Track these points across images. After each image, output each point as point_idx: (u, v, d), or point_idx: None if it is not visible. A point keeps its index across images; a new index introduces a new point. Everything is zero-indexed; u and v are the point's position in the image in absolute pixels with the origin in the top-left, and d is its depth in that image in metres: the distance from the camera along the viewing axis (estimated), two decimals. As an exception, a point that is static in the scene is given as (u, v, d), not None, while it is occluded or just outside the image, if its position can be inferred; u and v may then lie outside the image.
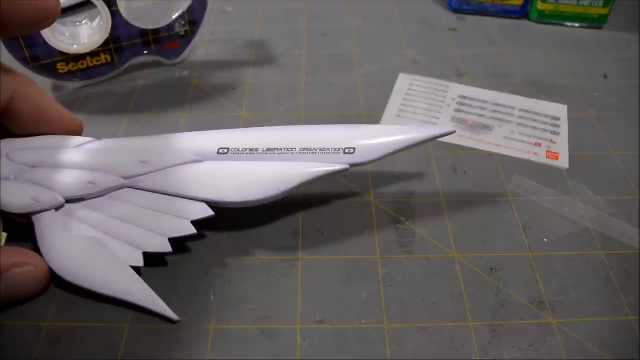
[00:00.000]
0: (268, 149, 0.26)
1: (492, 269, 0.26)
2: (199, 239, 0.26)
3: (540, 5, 0.42)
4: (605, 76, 0.38)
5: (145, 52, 0.36)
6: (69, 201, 0.25)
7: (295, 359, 0.22)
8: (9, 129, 0.26)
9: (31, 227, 0.25)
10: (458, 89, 0.36)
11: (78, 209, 0.25)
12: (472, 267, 0.26)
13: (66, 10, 0.34)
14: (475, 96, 0.36)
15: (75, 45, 0.34)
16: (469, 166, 0.31)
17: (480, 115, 0.34)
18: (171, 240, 0.24)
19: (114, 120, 0.33)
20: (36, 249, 0.24)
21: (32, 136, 0.27)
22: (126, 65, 0.36)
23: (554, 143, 0.32)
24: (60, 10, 0.23)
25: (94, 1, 0.32)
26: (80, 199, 0.26)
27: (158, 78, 0.37)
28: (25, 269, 0.23)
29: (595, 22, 0.42)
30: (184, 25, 0.36)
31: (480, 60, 0.39)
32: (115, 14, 0.33)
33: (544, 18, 0.43)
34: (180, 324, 0.23)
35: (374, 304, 0.24)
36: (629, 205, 0.29)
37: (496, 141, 0.32)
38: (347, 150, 0.26)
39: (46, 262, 0.24)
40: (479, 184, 0.30)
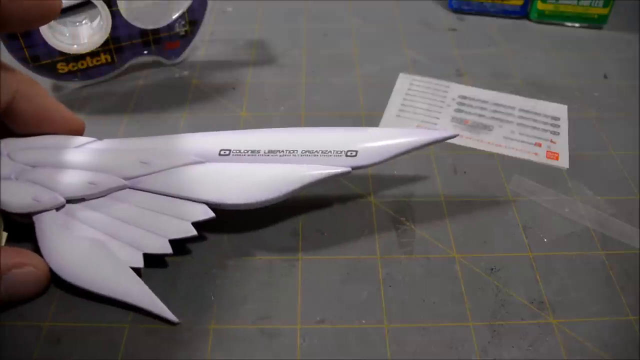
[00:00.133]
0: (270, 151, 0.26)
1: (492, 269, 0.26)
2: (199, 240, 0.26)
3: (540, 5, 0.42)
4: (605, 76, 0.38)
5: (145, 52, 0.36)
6: (70, 201, 0.25)
7: (295, 359, 0.22)
8: (11, 129, 0.26)
9: (32, 227, 0.25)
10: (458, 89, 0.36)
11: (79, 209, 0.25)
12: (472, 267, 0.26)
13: (66, 10, 0.34)
14: (475, 96, 0.36)
15: (75, 45, 0.34)
16: (469, 166, 0.31)
17: (480, 115, 0.34)
18: (171, 241, 0.24)
19: (114, 120, 0.33)
20: (36, 249, 0.24)
21: (34, 136, 0.27)
22: (126, 65, 0.36)
23: (554, 143, 0.32)
24: (61, 6, 0.23)
25: (94, 1, 0.32)
26: (81, 199, 0.26)
27: (158, 78, 0.37)
28: (25, 269, 0.23)
29: (595, 22, 0.42)
30: (184, 25, 0.36)
31: (480, 60, 0.39)
32: (115, 14, 0.33)
33: (544, 18, 0.43)
34: (180, 324, 0.23)
35: (374, 304, 0.24)
36: (629, 205, 0.29)
37: (496, 141, 0.32)
38: (349, 153, 0.26)
39: (46, 263, 0.24)
40: (479, 184, 0.30)
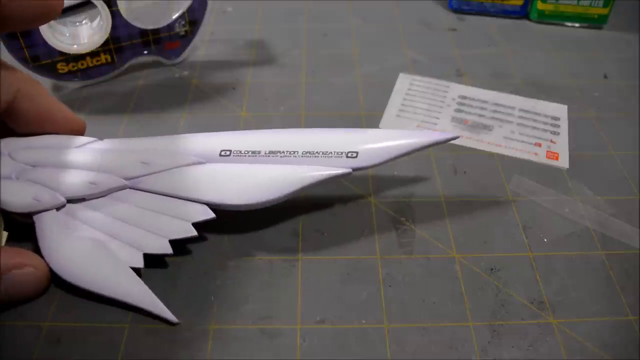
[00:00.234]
0: (270, 152, 0.26)
1: (492, 269, 0.26)
2: (199, 240, 0.26)
3: (540, 5, 0.42)
4: (605, 76, 0.38)
5: (145, 52, 0.36)
6: (70, 201, 0.25)
7: (295, 359, 0.22)
8: (12, 129, 0.26)
9: (32, 227, 0.25)
10: (458, 89, 0.36)
11: (79, 209, 0.25)
12: (472, 267, 0.26)
13: (66, 10, 0.34)
14: (475, 96, 0.36)
15: (75, 45, 0.34)
16: (469, 166, 0.31)
17: (480, 115, 0.34)
18: (172, 241, 0.24)
19: (114, 120, 0.33)
20: (37, 249, 0.24)
21: (35, 135, 0.27)
22: (126, 65, 0.36)
23: (554, 143, 0.32)
24: (62, 6, 0.23)
25: (94, 1, 0.32)
26: (82, 199, 0.26)
27: (158, 78, 0.37)
28: (25, 270, 0.23)
29: (595, 22, 0.42)
30: (184, 25, 0.36)
31: (480, 60, 0.39)
32: (115, 14, 0.33)
33: (544, 18, 0.43)
34: (180, 324, 0.23)
35: (374, 304, 0.24)
36: (629, 205, 0.29)
37: (496, 141, 0.32)
38: (350, 154, 0.26)
39: (46, 263, 0.24)
40: (479, 184, 0.30)
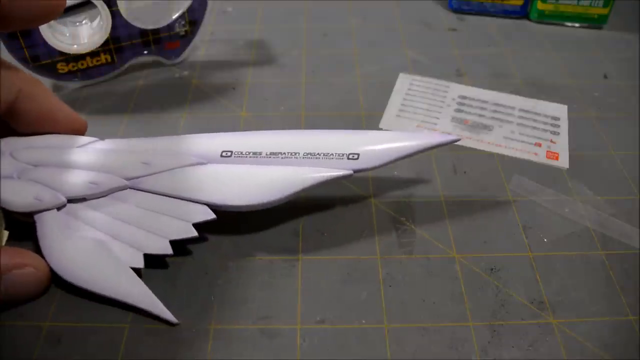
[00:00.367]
0: (272, 153, 0.26)
1: (492, 269, 0.26)
2: (199, 240, 0.26)
3: (540, 5, 0.42)
4: (605, 76, 0.38)
5: (145, 52, 0.36)
6: (71, 201, 0.25)
7: (295, 359, 0.22)
8: (14, 128, 0.26)
9: (33, 226, 0.25)
10: (458, 89, 0.36)
11: (80, 209, 0.25)
12: (472, 267, 0.26)
13: (66, 10, 0.34)
14: (475, 96, 0.36)
15: (75, 45, 0.34)
16: (469, 166, 0.31)
17: (480, 115, 0.34)
18: (172, 242, 0.24)
19: (114, 120, 0.33)
20: (37, 248, 0.24)
21: (37, 135, 0.27)
22: (126, 65, 0.36)
23: (554, 143, 0.32)
24: (64, 5, 0.23)
25: (94, 1, 0.32)
26: (82, 199, 0.26)
27: (158, 78, 0.37)
28: (26, 270, 0.23)
29: (595, 22, 0.42)
30: (184, 25, 0.36)
31: (480, 60, 0.39)
32: (115, 14, 0.33)
33: (544, 18, 0.43)
34: (180, 324, 0.23)
35: (374, 304, 0.24)
36: (629, 205, 0.29)
37: (496, 141, 0.32)
38: (351, 156, 0.25)
39: (47, 264, 0.24)
40: (479, 184, 0.30)
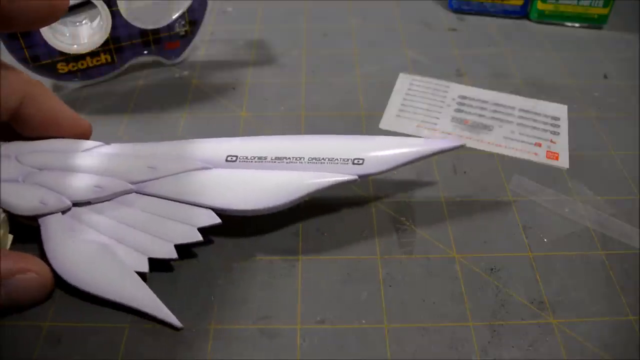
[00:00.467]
0: (277, 158, 0.26)
1: (492, 269, 0.26)
2: (202, 243, 0.26)
3: (540, 5, 0.42)
4: (605, 76, 0.38)
5: (145, 52, 0.36)
6: (76, 204, 0.25)
7: (295, 359, 0.22)
8: (19, 133, 0.26)
9: (37, 230, 0.25)
10: (458, 89, 0.36)
11: (85, 213, 0.25)
12: (472, 267, 0.26)
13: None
14: (475, 96, 0.36)
15: (75, 45, 0.34)
16: (469, 166, 0.31)
17: (480, 115, 0.34)
18: (177, 246, 0.24)
19: (114, 120, 0.33)
20: (42, 252, 0.24)
21: (42, 139, 0.26)
22: (126, 65, 0.36)
23: (554, 143, 0.32)
24: (68, 5, 0.23)
25: (94, 1, 0.32)
26: (87, 203, 0.25)
27: (158, 78, 0.37)
28: (28, 275, 0.23)
29: (595, 22, 0.42)
30: (184, 25, 0.36)
31: (480, 60, 0.39)
32: (115, 14, 0.33)
33: (544, 18, 0.43)
34: (184, 328, 0.23)
35: (374, 304, 0.24)
36: (629, 205, 0.29)
37: (496, 141, 0.32)
38: (356, 161, 0.26)
39: (50, 269, 0.24)
40: (479, 184, 0.30)
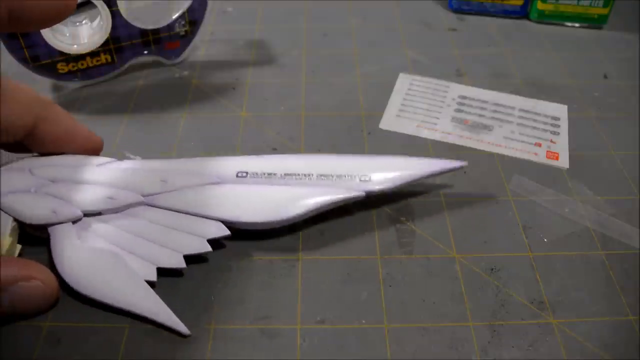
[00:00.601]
0: (286, 174, 0.27)
1: (492, 269, 0.26)
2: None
3: (540, 5, 0.42)
4: (605, 76, 0.38)
5: (145, 52, 0.36)
6: (87, 215, 0.25)
7: (295, 359, 0.22)
8: (33, 150, 0.27)
9: (46, 241, 0.25)
10: (458, 89, 0.36)
11: (95, 223, 0.25)
12: (472, 267, 0.26)
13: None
14: (475, 96, 0.36)
15: (75, 45, 0.34)
16: (469, 166, 0.31)
17: (480, 115, 0.34)
18: (185, 256, 0.25)
19: (114, 120, 0.33)
20: (51, 263, 0.24)
21: (55, 155, 0.27)
22: (126, 65, 0.36)
23: (554, 143, 0.32)
24: (76, 4, 0.23)
25: (94, 1, 0.32)
26: (98, 214, 0.26)
27: (158, 78, 0.37)
28: (32, 283, 0.22)
29: (595, 22, 0.42)
30: (184, 25, 0.36)
31: (480, 60, 0.39)
32: (115, 14, 0.33)
33: (544, 18, 0.43)
34: (191, 335, 0.23)
35: (374, 304, 0.24)
36: (629, 205, 0.29)
37: (496, 141, 0.32)
38: (363, 178, 0.27)
39: (56, 278, 0.23)
40: (479, 184, 0.30)
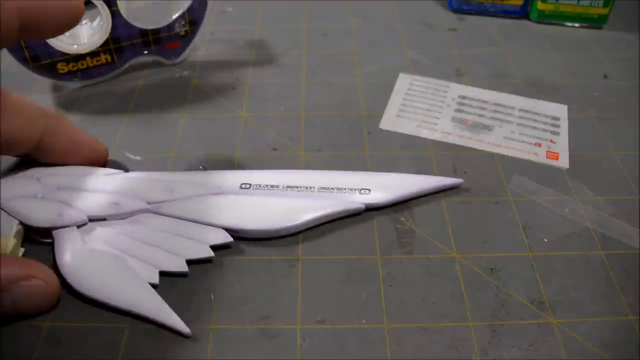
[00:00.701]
0: (288, 187, 0.28)
1: (492, 269, 0.26)
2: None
3: (540, 5, 0.42)
4: (605, 76, 0.38)
5: (145, 52, 0.36)
6: (92, 220, 0.26)
7: (295, 359, 0.22)
8: (40, 161, 0.27)
9: (51, 245, 0.25)
10: (458, 89, 0.36)
11: (99, 228, 0.26)
12: (472, 267, 0.26)
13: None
14: (475, 96, 0.36)
15: (75, 45, 0.34)
16: (469, 166, 0.31)
17: (480, 115, 0.34)
18: (188, 261, 0.25)
19: (114, 120, 0.33)
20: (55, 266, 0.24)
21: (62, 165, 0.27)
22: (126, 65, 0.36)
23: (554, 143, 0.32)
24: (84, 12, 0.23)
25: (94, 1, 0.32)
26: (103, 219, 0.26)
27: (158, 78, 0.37)
28: (33, 282, 0.22)
29: (595, 22, 0.42)
30: (184, 25, 0.36)
31: (480, 60, 0.39)
32: (115, 14, 0.33)
33: (544, 18, 0.43)
34: (192, 335, 0.23)
35: (374, 304, 0.24)
36: (629, 205, 0.29)
37: (496, 141, 0.32)
38: (363, 191, 0.28)
39: (57, 278, 0.23)
40: (479, 184, 0.30)
